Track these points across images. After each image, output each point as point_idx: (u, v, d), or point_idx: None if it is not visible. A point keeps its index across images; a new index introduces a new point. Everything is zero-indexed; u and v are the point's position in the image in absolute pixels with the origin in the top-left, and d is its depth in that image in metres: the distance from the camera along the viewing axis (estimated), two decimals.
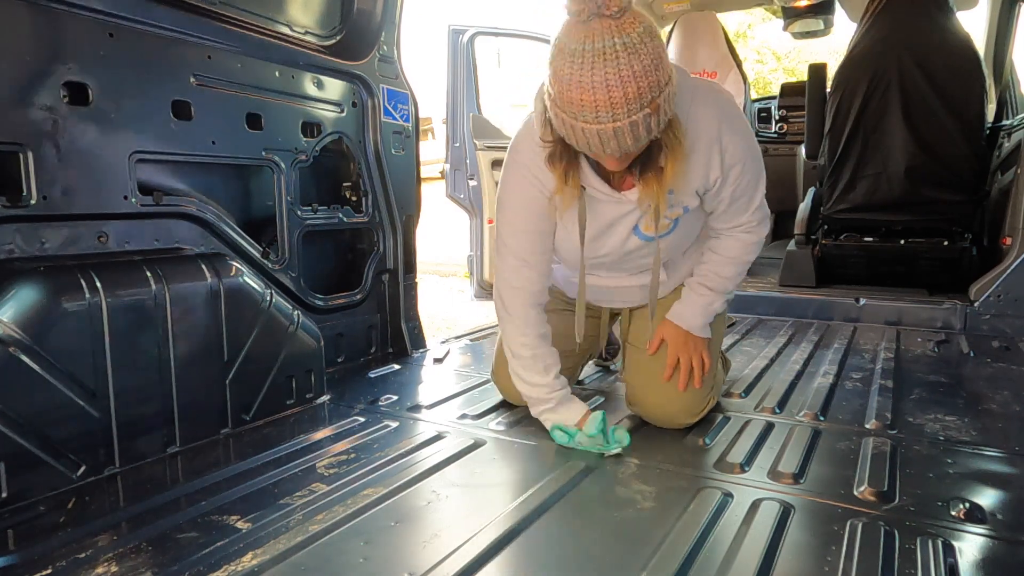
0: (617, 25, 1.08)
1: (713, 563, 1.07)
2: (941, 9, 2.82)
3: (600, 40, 1.08)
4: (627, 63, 1.08)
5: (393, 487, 1.35)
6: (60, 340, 1.35)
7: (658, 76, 1.11)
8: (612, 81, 1.08)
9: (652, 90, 1.11)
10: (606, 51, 1.08)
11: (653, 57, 1.10)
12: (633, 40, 1.08)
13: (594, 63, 1.08)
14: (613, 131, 1.12)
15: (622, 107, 1.10)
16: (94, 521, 1.24)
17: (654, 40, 1.11)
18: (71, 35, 1.48)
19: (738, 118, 1.44)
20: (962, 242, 2.94)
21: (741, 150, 1.42)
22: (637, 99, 1.10)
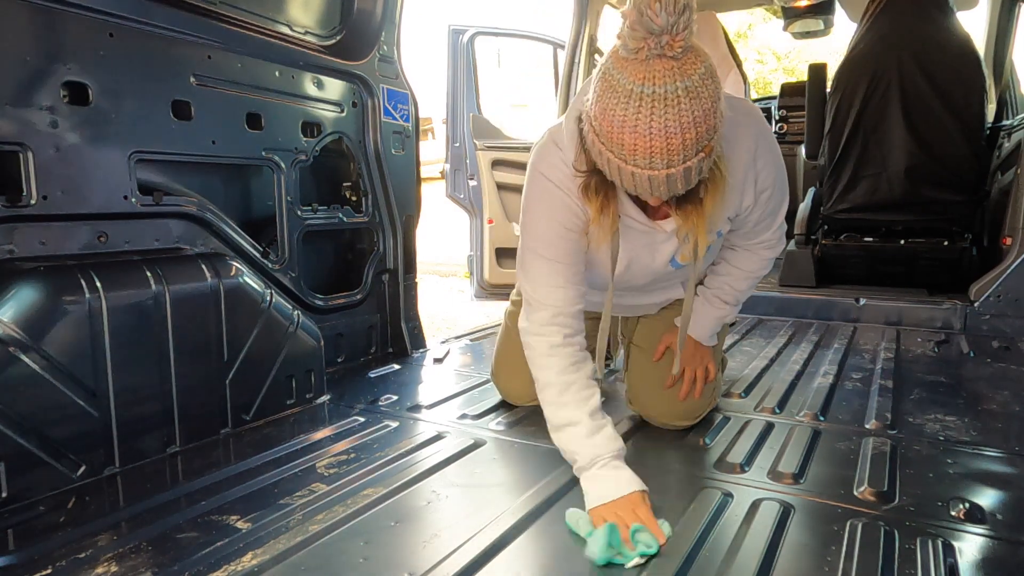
0: (679, 67, 0.99)
1: (713, 563, 1.07)
2: (941, 9, 2.82)
3: (662, 84, 0.99)
4: (688, 109, 1.00)
5: (393, 487, 1.35)
6: (60, 340, 1.35)
7: (716, 119, 1.04)
8: (672, 128, 1.00)
9: (709, 133, 1.04)
10: (667, 97, 0.99)
11: (713, 100, 1.02)
12: (695, 83, 1.00)
13: (653, 108, 1.00)
14: (666, 177, 1.05)
15: (679, 153, 1.03)
16: (94, 521, 1.24)
17: (713, 80, 1.03)
18: (71, 35, 1.48)
19: (770, 139, 1.37)
20: (962, 242, 2.94)
21: (773, 175, 1.39)
22: (695, 144, 1.03)
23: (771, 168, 1.38)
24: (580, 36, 4.05)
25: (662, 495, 1.32)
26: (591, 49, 4.14)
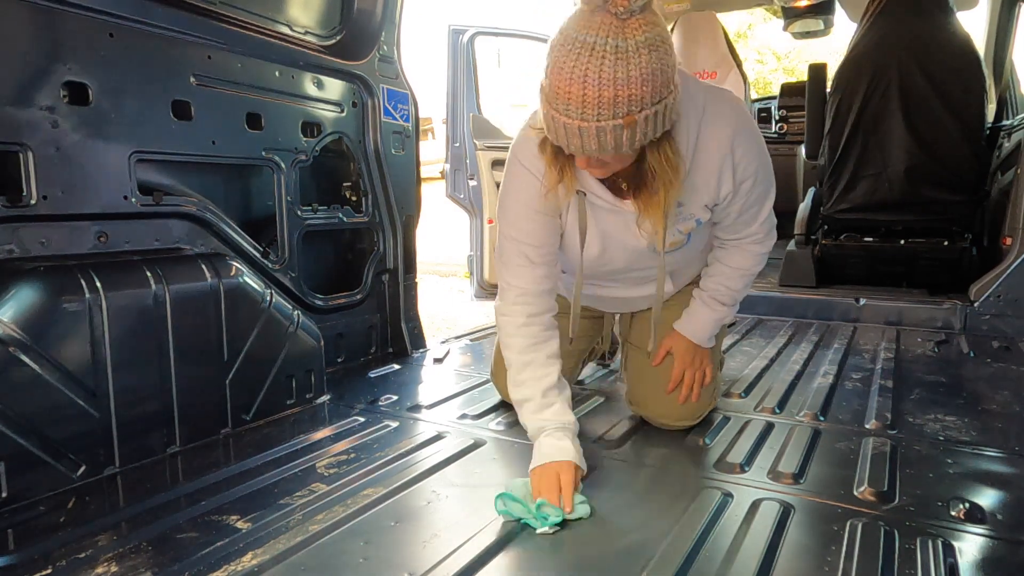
0: (619, 25, 1.02)
1: (713, 563, 1.07)
2: (941, 9, 2.82)
3: (595, 35, 1.02)
4: (611, 66, 1.02)
5: (393, 487, 1.35)
6: (60, 340, 1.35)
7: (643, 91, 1.04)
8: (591, 79, 1.02)
9: (631, 103, 1.04)
10: (595, 47, 1.02)
11: (644, 71, 1.03)
12: (628, 46, 1.02)
13: (579, 55, 1.03)
14: (578, 129, 1.07)
15: (593, 108, 1.04)
16: (94, 521, 1.24)
17: (653, 53, 1.04)
18: (71, 35, 1.48)
19: (751, 131, 1.38)
20: (962, 242, 2.94)
21: (754, 165, 1.37)
22: (611, 106, 1.04)
23: (751, 157, 1.36)
24: None
25: (662, 495, 1.32)
26: None
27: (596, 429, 1.65)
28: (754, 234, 1.52)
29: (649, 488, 1.37)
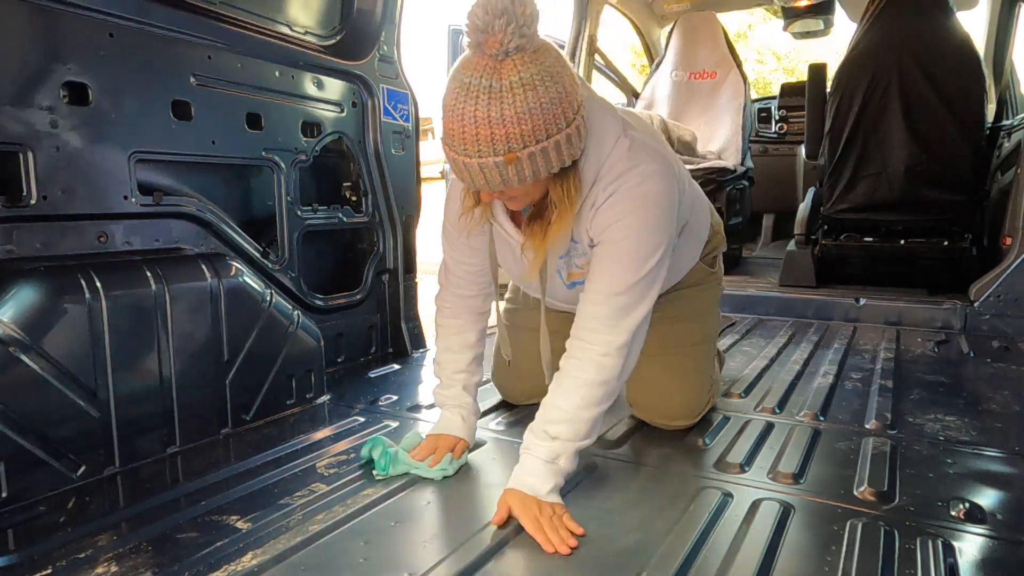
0: (493, 67, 1.05)
1: (713, 563, 1.07)
2: (941, 9, 2.82)
3: (470, 76, 1.06)
4: (485, 105, 1.05)
5: (393, 487, 1.35)
6: (60, 340, 1.35)
7: (520, 129, 1.06)
8: (468, 118, 1.06)
9: (509, 141, 1.06)
10: (470, 88, 1.06)
11: (519, 109, 1.05)
12: (502, 87, 1.05)
13: (458, 95, 1.07)
14: (464, 165, 1.11)
15: (473, 145, 1.08)
16: (94, 521, 1.24)
17: (531, 92, 1.05)
18: (71, 35, 1.48)
19: (643, 180, 1.23)
20: (962, 242, 2.94)
21: (622, 216, 1.22)
22: (489, 143, 1.07)
23: (622, 207, 1.22)
24: (580, 36, 4.05)
25: (662, 495, 1.32)
26: (591, 49, 4.15)
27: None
28: (602, 320, 1.24)
29: (649, 488, 1.37)
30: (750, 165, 4.03)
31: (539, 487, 1.21)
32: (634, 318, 1.26)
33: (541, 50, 1.08)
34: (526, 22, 1.04)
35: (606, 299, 1.25)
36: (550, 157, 1.11)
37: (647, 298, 1.27)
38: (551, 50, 1.11)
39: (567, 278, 1.41)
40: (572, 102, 1.11)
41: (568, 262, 1.38)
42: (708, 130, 4.00)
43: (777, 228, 4.89)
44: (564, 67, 1.11)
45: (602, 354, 1.25)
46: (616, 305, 1.25)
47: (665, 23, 4.65)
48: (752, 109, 4.41)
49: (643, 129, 1.34)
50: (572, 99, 1.11)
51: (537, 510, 1.19)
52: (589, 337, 1.26)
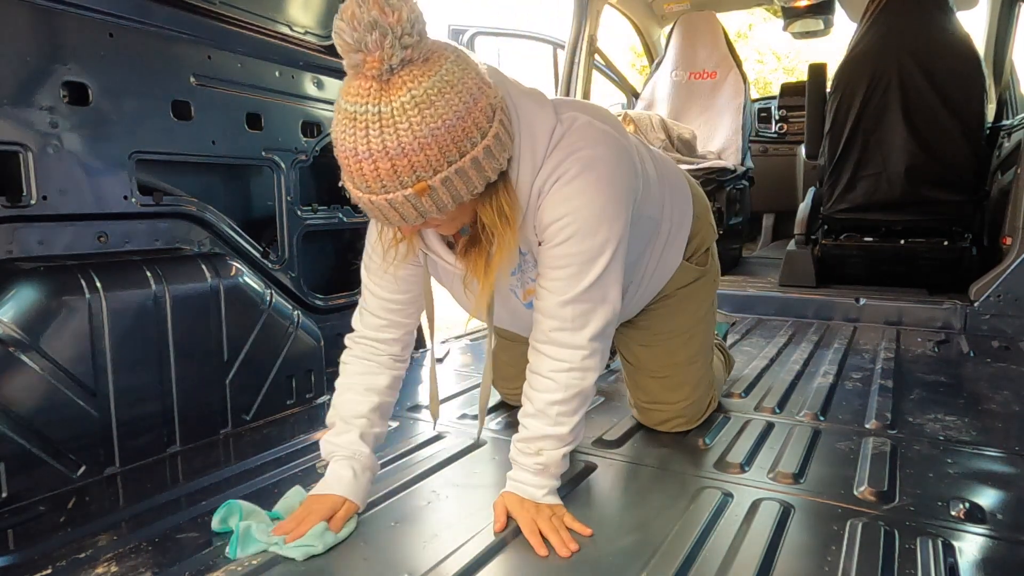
0: (379, 88, 0.90)
1: (713, 563, 1.07)
2: (941, 9, 2.82)
3: (354, 104, 0.91)
4: (377, 136, 0.90)
5: (393, 487, 1.35)
6: (60, 340, 1.35)
7: (425, 156, 0.91)
8: (361, 153, 0.91)
9: (415, 171, 0.92)
10: (356, 118, 0.91)
11: (418, 134, 0.90)
12: (392, 111, 0.89)
13: (345, 126, 0.92)
14: (371, 202, 0.96)
15: (375, 182, 0.93)
16: (94, 521, 1.24)
17: (427, 111, 0.90)
18: (71, 35, 1.48)
19: (592, 162, 1.10)
20: (962, 242, 2.94)
21: (563, 211, 1.09)
22: (392, 177, 0.92)
23: (563, 206, 1.09)
24: (580, 36, 4.05)
25: (662, 495, 1.32)
26: (591, 49, 4.14)
27: (596, 429, 1.65)
28: (559, 324, 1.15)
29: (649, 488, 1.37)
30: (750, 165, 4.04)
31: (534, 492, 1.19)
32: (594, 326, 1.15)
33: (433, 57, 0.93)
34: (405, 30, 0.88)
35: (558, 309, 1.14)
36: (469, 177, 0.96)
37: (607, 300, 1.16)
38: (446, 53, 0.94)
39: (524, 296, 1.26)
40: (484, 109, 0.96)
41: (522, 278, 1.24)
42: (708, 130, 4.00)
43: (777, 228, 4.89)
44: (466, 70, 0.95)
45: (566, 370, 1.16)
46: (569, 315, 1.14)
47: (665, 23, 4.65)
48: (752, 109, 4.42)
49: (584, 109, 1.18)
50: (483, 106, 0.96)
51: (534, 512, 1.17)
52: (549, 351, 1.17)
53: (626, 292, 1.35)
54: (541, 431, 1.18)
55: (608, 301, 1.17)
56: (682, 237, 1.51)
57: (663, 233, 1.43)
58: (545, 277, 1.15)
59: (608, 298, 1.16)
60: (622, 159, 1.16)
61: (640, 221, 1.29)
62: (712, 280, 1.64)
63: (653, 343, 1.60)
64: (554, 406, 1.17)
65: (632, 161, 1.22)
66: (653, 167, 1.39)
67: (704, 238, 1.59)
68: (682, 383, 1.60)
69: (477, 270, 1.13)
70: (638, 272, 1.41)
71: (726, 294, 3.12)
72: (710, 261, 1.62)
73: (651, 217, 1.36)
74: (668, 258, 1.49)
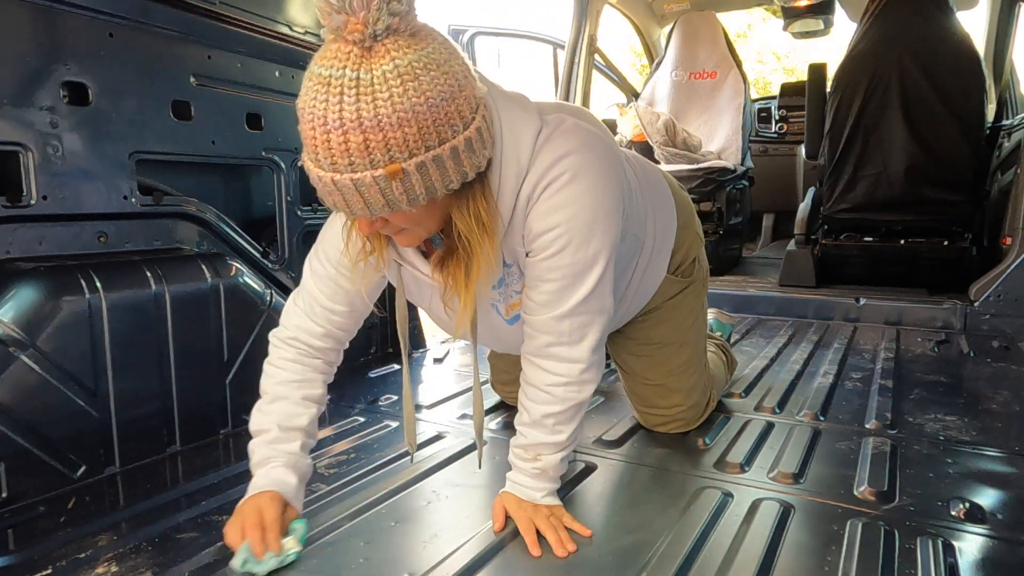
0: (359, 53, 0.82)
1: (713, 563, 1.07)
2: (941, 9, 2.82)
3: (330, 67, 0.82)
4: (352, 103, 0.81)
5: (393, 487, 1.35)
6: (60, 340, 1.35)
7: (404, 133, 0.83)
8: (331, 121, 0.82)
9: (389, 148, 0.83)
10: (331, 83, 0.82)
11: (399, 107, 0.82)
12: (372, 78, 0.81)
13: (316, 92, 0.83)
14: (333, 182, 0.86)
15: (341, 156, 0.84)
16: (94, 521, 1.24)
17: (411, 84, 0.83)
18: (71, 35, 1.48)
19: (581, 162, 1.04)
20: (962, 242, 2.94)
21: (554, 221, 1.03)
22: (363, 152, 0.83)
23: (554, 216, 1.03)
24: (580, 36, 4.05)
25: (662, 495, 1.32)
26: (591, 49, 4.14)
27: (596, 429, 1.65)
28: (555, 339, 1.11)
29: (649, 488, 1.37)
30: (750, 165, 4.04)
31: (533, 493, 1.19)
32: (592, 338, 1.12)
33: (420, 33, 0.86)
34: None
35: (554, 324, 1.10)
36: (446, 168, 0.89)
37: (603, 311, 1.12)
38: (435, 35, 0.88)
39: (506, 312, 1.20)
40: (468, 98, 0.89)
41: (505, 292, 1.18)
42: (708, 130, 4.01)
43: (777, 228, 4.89)
44: (453, 54, 0.89)
45: (563, 384, 1.13)
46: (567, 329, 1.10)
47: (665, 23, 4.65)
48: (752, 109, 4.42)
49: (569, 111, 1.14)
50: (468, 94, 0.89)
51: (532, 512, 1.16)
52: (546, 365, 1.13)
53: None
54: (538, 439, 1.17)
55: (604, 311, 1.13)
56: (666, 251, 1.47)
57: (646, 250, 1.38)
58: (536, 290, 1.09)
59: (604, 308, 1.13)
60: (612, 162, 1.12)
61: (626, 239, 1.24)
62: (700, 288, 1.60)
63: (643, 353, 1.59)
64: (550, 418, 1.15)
65: (621, 164, 1.18)
66: (635, 178, 1.32)
67: (689, 249, 1.55)
68: (675, 390, 1.59)
69: (456, 284, 1.04)
70: (621, 288, 1.36)
71: (726, 294, 3.12)
72: (696, 270, 1.57)
73: (635, 235, 1.31)
74: (651, 274, 1.45)
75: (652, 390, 1.60)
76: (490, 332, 1.28)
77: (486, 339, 1.33)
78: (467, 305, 1.05)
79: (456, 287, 1.05)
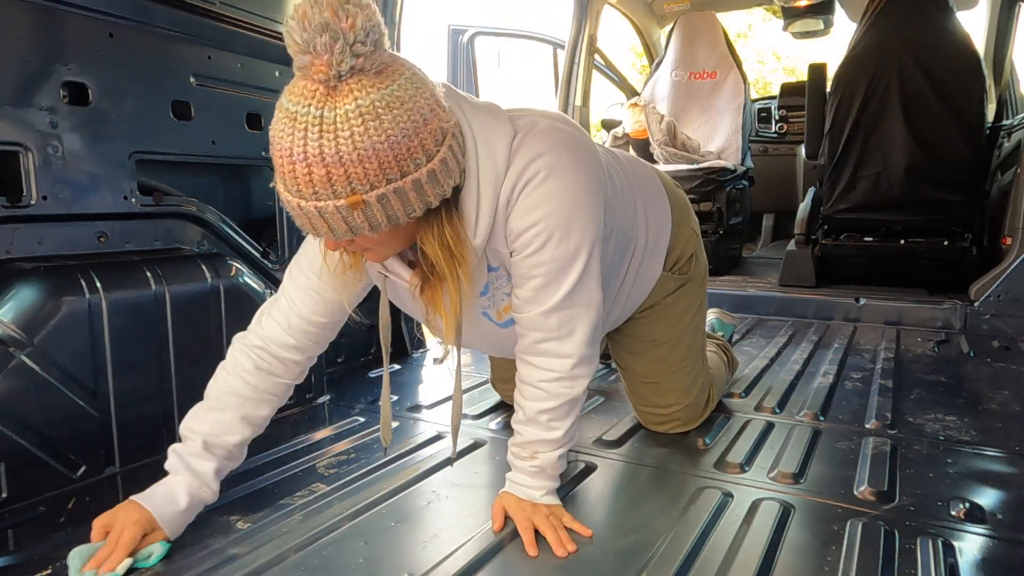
0: (324, 92, 0.87)
1: (713, 563, 1.07)
2: (941, 9, 2.82)
3: (297, 104, 0.88)
4: (316, 140, 0.86)
5: (393, 487, 1.35)
6: (60, 340, 1.35)
7: (364, 168, 0.87)
8: (296, 154, 0.88)
9: (350, 182, 0.88)
10: (296, 119, 0.88)
11: (359, 145, 0.86)
12: (336, 116, 0.86)
13: (284, 126, 0.89)
14: (299, 207, 0.92)
15: (307, 186, 0.89)
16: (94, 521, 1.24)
17: (372, 123, 0.86)
18: (71, 35, 1.48)
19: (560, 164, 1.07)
20: (962, 242, 2.94)
21: (532, 220, 1.07)
22: (326, 184, 0.88)
23: (530, 216, 1.06)
24: (580, 36, 4.05)
25: (662, 495, 1.32)
26: (591, 49, 4.14)
27: (596, 429, 1.65)
28: (543, 336, 1.14)
29: (649, 488, 1.37)
30: (750, 165, 4.04)
31: (532, 492, 1.20)
32: (581, 333, 1.14)
33: (387, 71, 0.90)
34: (358, 38, 0.86)
35: (542, 320, 1.12)
36: (408, 199, 0.93)
37: (591, 304, 1.14)
38: (401, 69, 0.92)
39: (498, 316, 1.22)
40: (433, 132, 0.93)
41: (494, 297, 1.20)
42: (708, 130, 4.01)
43: (777, 228, 4.89)
44: (419, 89, 0.92)
45: (555, 379, 1.15)
46: (555, 324, 1.13)
47: (665, 23, 4.66)
48: (752, 109, 4.43)
49: (542, 114, 1.16)
50: (432, 128, 0.93)
51: (531, 511, 1.17)
52: (538, 362, 1.16)
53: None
54: (534, 436, 1.19)
55: (591, 305, 1.15)
56: (660, 249, 1.48)
57: (639, 248, 1.40)
58: (522, 288, 1.12)
59: (591, 302, 1.14)
60: (587, 159, 1.14)
61: (612, 237, 1.27)
62: (698, 284, 1.61)
63: (640, 350, 1.60)
64: (544, 414, 1.17)
65: (597, 160, 1.19)
66: (622, 176, 1.35)
67: (686, 246, 1.56)
68: (673, 388, 1.59)
69: (437, 307, 1.09)
70: (614, 289, 1.39)
71: (726, 294, 3.12)
72: (693, 267, 1.58)
73: (623, 232, 1.33)
74: (647, 272, 1.47)
75: (650, 388, 1.60)
76: (485, 339, 1.31)
77: (483, 346, 1.36)
78: (450, 324, 1.10)
79: (437, 310, 1.09)
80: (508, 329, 1.23)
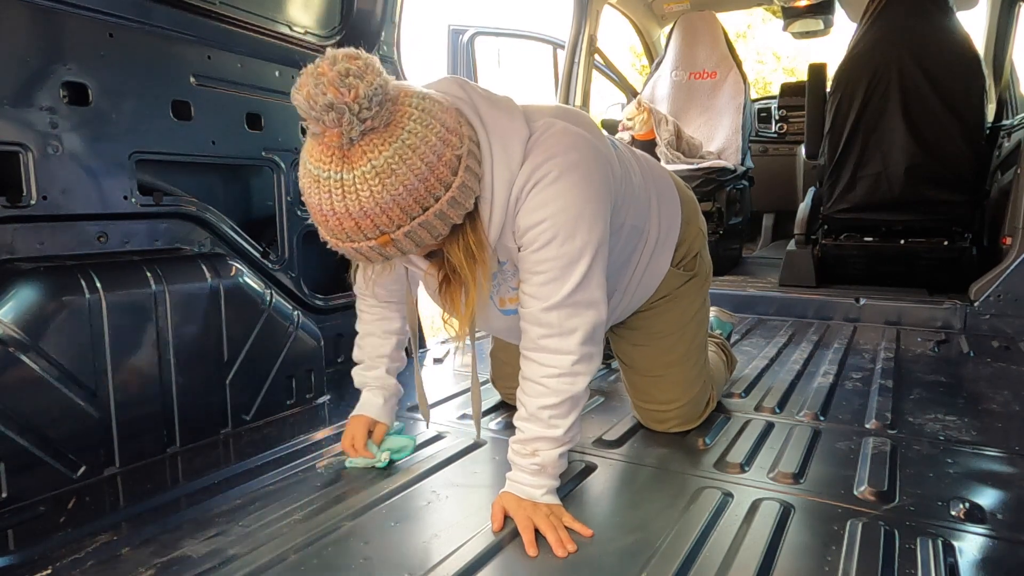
0: (340, 156, 0.94)
1: (713, 563, 1.07)
2: (941, 9, 2.82)
3: (318, 166, 0.95)
4: (340, 200, 0.95)
5: (393, 487, 1.35)
6: (60, 340, 1.35)
7: (387, 217, 0.96)
8: (326, 210, 0.97)
9: (377, 228, 0.97)
10: (320, 181, 0.95)
11: (379, 200, 0.94)
12: (354, 178, 0.93)
13: (311, 185, 0.97)
14: (338, 246, 1.03)
15: (340, 234, 0.99)
16: (94, 521, 1.24)
17: (388, 180, 0.94)
18: (71, 35, 1.48)
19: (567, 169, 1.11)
20: (962, 242, 2.94)
21: (539, 218, 1.10)
22: (357, 232, 0.98)
23: (539, 212, 1.10)
24: (580, 36, 4.05)
25: (662, 495, 1.32)
26: (591, 49, 4.15)
27: (596, 429, 1.65)
28: (545, 330, 1.16)
29: (649, 488, 1.37)
30: (750, 165, 4.04)
31: (532, 492, 1.20)
32: (582, 331, 1.16)
33: (395, 120, 0.95)
34: (363, 106, 0.90)
35: (544, 315, 1.15)
36: (434, 226, 1.01)
37: (593, 304, 1.16)
38: (408, 110, 0.96)
39: (500, 303, 1.28)
40: (448, 163, 0.99)
41: (499, 287, 1.26)
42: (708, 130, 4.01)
43: (777, 228, 4.89)
44: (428, 126, 0.97)
45: (556, 375, 1.17)
46: (555, 321, 1.15)
47: (665, 23, 4.65)
48: (752, 109, 4.42)
49: (559, 113, 1.20)
50: (447, 160, 0.99)
51: (531, 511, 1.17)
52: (539, 358, 1.18)
53: (611, 299, 1.37)
54: (535, 433, 1.19)
55: (593, 305, 1.17)
56: (670, 245, 1.52)
57: (650, 242, 1.44)
58: (527, 283, 1.16)
59: (593, 302, 1.17)
60: (598, 163, 1.17)
61: (623, 231, 1.32)
62: (702, 281, 1.63)
63: (644, 343, 1.61)
64: (545, 410, 1.18)
65: (609, 164, 1.22)
66: (640, 174, 1.39)
67: (693, 243, 1.59)
68: (675, 383, 1.60)
69: (455, 309, 1.18)
70: (623, 280, 1.43)
71: (726, 294, 3.12)
72: (698, 264, 1.61)
73: (635, 227, 1.37)
74: (655, 266, 1.50)
75: (651, 382, 1.61)
76: (484, 321, 1.38)
77: (481, 323, 1.41)
78: (464, 321, 1.17)
79: (455, 310, 1.18)
80: (508, 318, 1.29)
